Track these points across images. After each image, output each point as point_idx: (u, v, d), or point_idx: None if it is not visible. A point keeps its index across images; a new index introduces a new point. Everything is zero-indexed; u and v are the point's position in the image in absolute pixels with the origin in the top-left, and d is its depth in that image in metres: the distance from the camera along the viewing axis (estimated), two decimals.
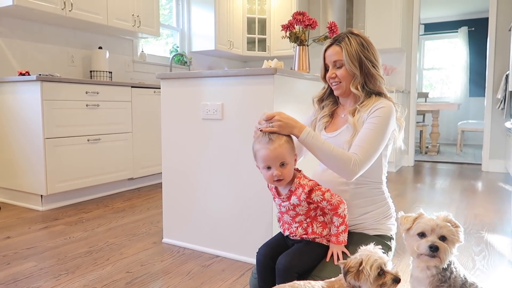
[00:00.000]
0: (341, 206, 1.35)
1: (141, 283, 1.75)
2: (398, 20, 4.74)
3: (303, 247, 1.39)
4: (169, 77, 2.18)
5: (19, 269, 1.90)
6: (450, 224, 1.12)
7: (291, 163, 1.34)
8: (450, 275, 1.13)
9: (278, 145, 1.32)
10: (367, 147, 1.34)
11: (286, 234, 1.43)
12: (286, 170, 1.32)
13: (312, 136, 1.33)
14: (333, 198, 1.35)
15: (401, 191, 3.65)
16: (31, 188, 2.98)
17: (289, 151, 1.33)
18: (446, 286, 1.12)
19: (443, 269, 1.13)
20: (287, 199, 1.38)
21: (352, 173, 1.32)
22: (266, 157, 1.31)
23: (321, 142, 1.34)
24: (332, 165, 1.34)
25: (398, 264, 1.95)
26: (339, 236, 1.36)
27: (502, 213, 2.89)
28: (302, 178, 1.38)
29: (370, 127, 1.38)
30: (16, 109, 3.01)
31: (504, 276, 1.84)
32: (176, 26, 5.09)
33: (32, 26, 3.44)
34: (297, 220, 1.39)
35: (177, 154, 2.18)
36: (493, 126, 4.73)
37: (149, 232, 2.46)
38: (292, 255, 1.35)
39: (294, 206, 1.37)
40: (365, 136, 1.37)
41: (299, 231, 1.39)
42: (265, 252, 1.42)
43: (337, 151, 1.33)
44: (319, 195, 1.34)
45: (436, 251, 1.09)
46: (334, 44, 1.50)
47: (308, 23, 2.41)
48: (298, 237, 1.40)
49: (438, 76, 8.22)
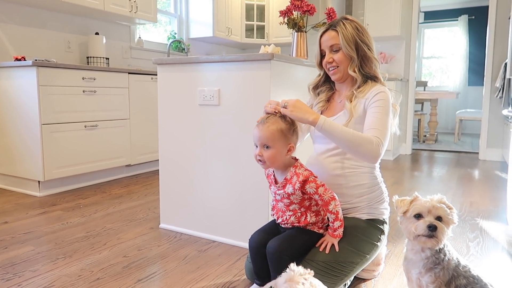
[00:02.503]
0: (332, 203, 1.35)
1: (138, 267, 1.77)
2: (397, 7, 4.70)
3: (294, 232, 1.41)
4: (165, 62, 2.17)
5: (17, 253, 1.91)
6: (444, 205, 1.14)
7: (276, 149, 1.34)
8: (444, 258, 1.15)
9: (267, 127, 1.34)
10: (382, 129, 1.35)
11: (279, 221, 1.45)
12: (268, 153, 1.34)
13: (330, 122, 1.33)
14: (325, 193, 1.35)
15: (398, 178, 3.66)
16: (28, 174, 2.98)
17: (277, 137, 1.34)
18: (439, 268, 1.14)
19: (437, 251, 1.15)
20: (282, 188, 1.39)
21: (377, 154, 1.32)
22: (254, 135, 1.38)
23: (339, 127, 1.33)
24: (354, 148, 1.32)
25: (393, 249, 1.97)
26: (336, 231, 1.38)
27: (498, 200, 2.91)
28: (299, 167, 1.39)
29: (378, 111, 1.39)
30: (12, 95, 2.99)
31: (497, 262, 1.86)
32: (174, 12, 5.04)
33: (28, 11, 3.40)
34: (291, 209, 1.40)
35: (174, 140, 2.18)
36: (491, 115, 4.73)
37: (146, 217, 2.47)
38: (282, 239, 1.37)
39: (288, 195, 1.38)
40: (376, 119, 1.37)
41: (292, 220, 1.40)
42: (257, 238, 1.44)
43: (357, 133, 1.33)
44: (313, 187, 1.35)
45: (435, 231, 1.11)
46: (329, 29, 1.51)
47: (306, 9, 2.39)
48: (289, 225, 1.42)
49: (437, 64, 8.19)
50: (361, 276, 1.64)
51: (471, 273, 1.15)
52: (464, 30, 7.57)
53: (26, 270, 1.73)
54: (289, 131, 1.36)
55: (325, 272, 1.33)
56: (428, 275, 1.15)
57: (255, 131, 1.38)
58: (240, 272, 1.71)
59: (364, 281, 1.64)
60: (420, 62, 8.08)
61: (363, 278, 1.65)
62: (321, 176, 1.48)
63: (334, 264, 1.35)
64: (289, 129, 1.36)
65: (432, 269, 1.15)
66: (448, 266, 1.14)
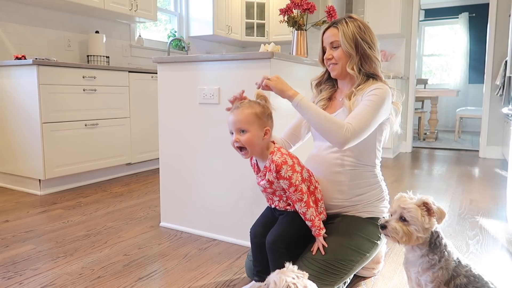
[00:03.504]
0: (297, 204, 1.35)
1: (138, 266, 1.77)
2: (397, 5, 4.69)
3: (286, 218, 1.42)
4: (166, 61, 2.17)
5: (18, 251, 1.92)
6: (425, 207, 1.14)
7: (252, 132, 1.33)
8: (441, 258, 1.15)
9: (241, 111, 1.34)
10: (360, 118, 1.36)
11: (273, 206, 1.46)
12: (244, 137, 1.33)
13: (306, 101, 1.37)
14: (293, 195, 1.34)
15: (398, 176, 3.67)
16: (29, 173, 2.99)
17: (252, 120, 1.33)
18: (438, 268, 1.14)
19: (430, 251, 1.16)
20: (263, 176, 1.38)
21: (344, 139, 1.32)
22: (228, 121, 1.37)
23: (314, 107, 1.37)
24: (325, 129, 1.34)
25: (393, 247, 1.97)
26: (312, 230, 1.38)
27: (498, 198, 2.91)
28: (275, 152, 1.36)
29: (366, 103, 1.40)
30: (12, 94, 3.00)
31: (496, 260, 1.87)
32: (174, 11, 5.04)
33: (28, 9, 3.40)
34: (277, 195, 1.42)
35: (174, 138, 2.18)
36: (491, 113, 4.73)
37: (147, 216, 2.47)
38: (277, 230, 1.39)
39: (270, 183, 1.38)
40: (360, 109, 1.39)
41: (282, 204, 1.41)
42: (257, 230, 1.46)
43: (330, 116, 1.35)
44: (286, 184, 1.34)
45: (383, 229, 1.16)
46: (331, 27, 1.52)
47: (306, 7, 2.39)
48: (282, 209, 1.42)
49: (438, 62, 8.18)
50: (361, 274, 1.65)
51: (472, 272, 1.15)
52: (465, 28, 7.56)
53: (27, 268, 1.74)
54: (264, 114, 1.36)
55: (325, 270, 1.33)
56: (426, 274, 1.15)
57: (229, 117, 1.37)
58: (241, 270, 1.72)
59: (364, 279, 1.65)
60: (420, 60, 8.07)
61: (363, 276, 1.66)
62: (321, 173, 1.49)
63: (334, 262, 1.35)
64: (263, 112, 1.36)
65: (429, 269, 1.15)
66: (447, 266, 1.14)
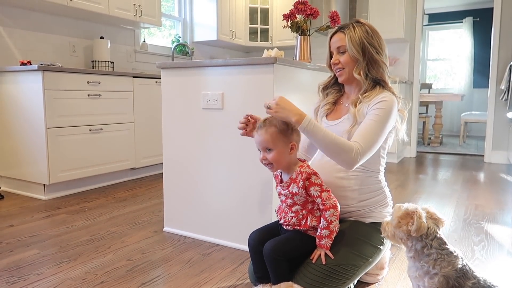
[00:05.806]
0: (331, 210, 1.35)
1: (141, 271, 1.77)
2: (401, 10, 4.69)
3: (292, 235, 1.42)
4: (169, 66, 2.18)
5: (22, 256, 1.93)
6: (417, 215, 1.18)
7: (278, 150, 1.36)
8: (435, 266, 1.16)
9: (265, 131, 1.37)
10: (369, 138, 1.35)
11: (281, 222, 1.45)
12: (271, 155, 1.36)
13: (313, 124, 1.32)
14: (328, 200, 1.35)
15: (403, 181, 3.65)
16: (34, 178, 3.00)
17: (276, 138, 1.36)
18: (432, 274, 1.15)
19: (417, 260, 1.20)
20: (287, 187, 1.39)
21: (353, 161, 1.32)
22: (255, 140, 1.42)
23: (322, 130, 1.33)
24: (333, 154, 1.34)
25: (397, 253, 1.96)
26: (321, 240, 1.38)
27: (503, 203, 2.89)
28: (305, 167, 1.39)
29: (373, 118, 1.38)
30: (18, 99, 3.02)
31: (502, 266, 1.85)
32: (178, 16, 5.07)
33: (33, 15, 3.43)
34: (293, 210, 1.41)
35: (178, 143, 2.19)
36: (496, 117, 4.71)
37: (151, 221, 2.48)
38: (278, 240, 1.38)
39: (292, 195, 1.39)
40: (368, 126, 1.37)
41: (293, 221, 1.40)
42: (255, 236, 1.45)
43: (338, 139, 1.33)
44: (318, 190, 1.35)
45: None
46: (338, 31, 1.52)
47: (309, 13, 2.39)
48: (291, 227, 1.42)
49: (442, 67, 8.16)
50: (364, 280, 1.64)
51: (480, 284, 1.12)
52: (469, 32, 7.54)
53: (31, 273, 1.74)
54: (287, 130, 1.37)
55: (328, 276, 1.32)
56: (422, 280, 1.16)
57: (255, 137, 1.42)
58: (244, 276, 1.71)
59: (367, 285, 1.64)
60: (424, 64, 8.05)
61: (367, 282, 1.65)
62: (324, 178, 1.48)
63: (336, 267, 1.34)
64: (286, 129, 1.37)
65: (425, 275, 1.16)
66: (446, 274, 1.13)
